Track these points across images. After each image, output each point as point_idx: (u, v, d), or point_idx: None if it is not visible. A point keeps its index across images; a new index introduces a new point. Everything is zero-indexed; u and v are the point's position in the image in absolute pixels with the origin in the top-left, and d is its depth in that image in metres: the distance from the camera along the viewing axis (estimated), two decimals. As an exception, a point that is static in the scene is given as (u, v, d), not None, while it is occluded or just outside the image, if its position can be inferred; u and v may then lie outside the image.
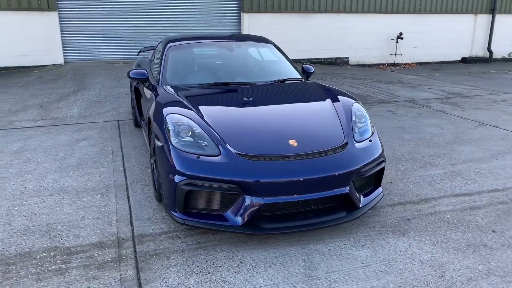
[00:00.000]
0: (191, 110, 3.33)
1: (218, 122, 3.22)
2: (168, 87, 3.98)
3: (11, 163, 4.44)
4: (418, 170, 4.40)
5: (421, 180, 4.14)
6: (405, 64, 13.31)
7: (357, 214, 3.13)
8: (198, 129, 3.10)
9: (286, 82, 4.32)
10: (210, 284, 2.54)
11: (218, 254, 2.85)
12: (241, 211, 2.86)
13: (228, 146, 2.98)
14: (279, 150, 3.01)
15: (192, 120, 3.17)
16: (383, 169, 3.40)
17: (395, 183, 4.07)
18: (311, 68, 4.81)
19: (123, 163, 4.47)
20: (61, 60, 10.24)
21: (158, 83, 4.09)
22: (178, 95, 3.69)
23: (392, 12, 12.95)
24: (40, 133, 5.51)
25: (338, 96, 3.85)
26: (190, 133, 3.09)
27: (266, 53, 4.87)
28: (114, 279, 2.57)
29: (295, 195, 2.92)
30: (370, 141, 3.38)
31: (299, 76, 4.53)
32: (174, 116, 3.23)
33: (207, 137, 3.04)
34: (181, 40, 4.74)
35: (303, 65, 4.81)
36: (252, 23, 11.65)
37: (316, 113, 3.63)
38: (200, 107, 3.41)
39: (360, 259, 2.81)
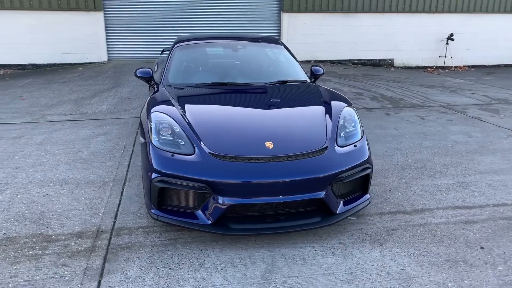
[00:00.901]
0: (177, 109, 3.42)
1: (199, 121, 3.28)
2: (167, 86, 4.10)
3: (30, 154, 4.78)
4: (424, 179, 4.19)
5: (424, 190, 3.94)
6: (456, 67, 12.62)
7: (333, 220, 3.05)
8: (177, 128, 3.17)
9: (287, 83, 4.28)
10: (166, 279, 2.60)
11: (186, 251, 2.90)
12: (210, 210, 2.90)
13: (202, 146, 3.02)
14: (253, 152, 3.01)
15: (174, 119, 3.25)
16: (368, 175, 3.28)
17: (394, 191, 3.91)
18: (320, 69, 4.73)
19: (130, 158, 4.65)
20: (105, 58, 10.81)
21: (160, 82, 4.22)
22: (171, 94, 3.78)
23: (442, 11, 12.32)
24: (66, 127, 5.86)
25: (332, 99, 3.76)
26: (170, 131, 3.17)
27: (273, 54, 4.85)
28: (80, 267, 2.70)
29: (266, 198, 2.91)
30: (355, 146, 3.28)
31: (303, 78, 4.47)
32: (158, 114, 3.33)
33: (185, 136, 3.11)
34: (190, 40, 4.85)
35: (312, 67, 4.75)
36: (292, 23, 11.60)
37: (302, 116, 3.57)
38: (187, 106, 3.49)
39: (325, 267, 2.75)
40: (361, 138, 3.38)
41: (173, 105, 3.48)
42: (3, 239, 3.03)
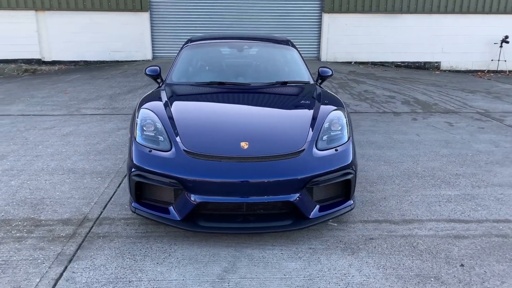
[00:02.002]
0: (166, 107, 3.52)
1: (182, 119, 3.35)
2: (169, 84, 4.22)
3: (52, 144, 5.13)
4: (427, 189, 3.99)
5: (422, 200, 3.76)
6: (510, 71, 11.77)
7: (304, 224, 3.01)
8: (159, 125, 3.27)
9: (287, 84, 4.25)
10: (127, 270, 2.71)
11: (156, 244, 3.00)
12: (181, 207, 2.97)
13: (179, 143, 3.10)
14: (227, 151, 3.04)
15: (158, 116, 3.36)
16: (349, 181, 3.19)
17: (389, 199, 3.76)
18: (328, 71, 4.64)
19: (140, 152, 4.84)
20: (149, 56, 11.27)
21: (165, 80, 4.36)
22: (167, 92, 3.89)
23: (497, 12, 11.54)
24: (94, 120, 6.21)
25: (324, 102, 3.69)
26: (153, 128, 3.28)
27: (281, 54, 4.83)
28: (54, 252, 2.88)
29: (236, 197, 2.93)
30: (336, 150, 3.20)
31: (307, 80, 4.42)
32: (145, 111, 3.45)
33: (165, 133, 3.20)
34: (200, 40, 4.95)
35: (319, 68, 4.68)
36: (332, 24, 11.41)
37: (287, 117, 3.54)
38: (176, 104, 3.59)
39: (285, 271, 2.72)
40: (346, 142, 3.29)
41: (163, 103, 3.59)
42: (-1, 221, 3.30)
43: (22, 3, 10.51)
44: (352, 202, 3.28)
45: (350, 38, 11.56)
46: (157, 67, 4.52)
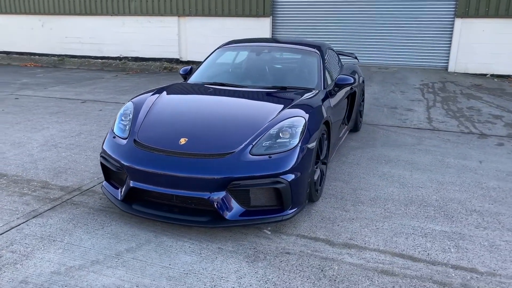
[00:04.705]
0: (151, 101, 3.93)
1: (153, 114, 3.71)
2: (185, 82, 4.62)
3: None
4: (413, 219, 3.49)
5: (392, 229, 3.32)
6: None
7: (220, 224, 3.06)
8: (131, 116, 3.71)
9: (286, 90, 4.20)
10: (62, 231, 3.21)
11: (100, 218, 3.44)
12: (123, 189, 3.36)
13: (135, 134, 3.48)
14: (166, 145, 3.29)
15: (136, 109, 3.79)
16: (278, 190, 3.09)
17: (355, 222, 3.43)
18: (348, 79, 4.38)
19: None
20: (267, 59, 11.88)
21: (186, 79, 4.78)
22: (168, 88, 4.30)
23: None
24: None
25: (293, 109, 3.58)
26: (128, 118, 3.74)
27: (301, 61, 4.72)
28: (32, 208, 3.60)
29: (163, 188, 3.17)
30: (270, 157, 3.13)
31: (312, 87, 4.27)
32: (129, 103, 3.93)
33: (130, 124, 3.62)
34: (230, 43, 5.20)
35: (338, 76, 4.45)
36: (466, 30, 10.11)
37: (243, 121, 3.53)
38: (160, 99, 3.97)
39: (175, 262, 2.85)
40: (288, 150, 3.17)
41: (153, 98, 4.00)
42: (23, 178, 4.22)
43: (168, 10, 12.31)
44: (288, 212, 3.17)
45: (488, 47, 10.07)
46: (188, 68, 4.97)
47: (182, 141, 3.28)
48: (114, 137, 3.58)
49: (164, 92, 4.16)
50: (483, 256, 2.97)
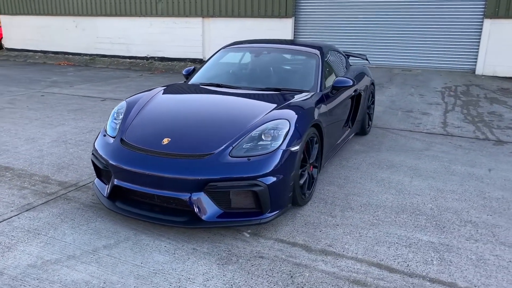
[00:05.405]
0: (145, 101, 3.99)
1: (144, 113, 3.77)
2: (185, 83, 4.66)
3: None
4: (401, 228, 3.37)
5: (376, 237, 3.23)
6: None
7: (197, 225, 3.07)
8: (122, 115, 3.78)
9: (281, 91, 4.15)
10: (49, 225, 3.31)
11: (88, 213, 3.52)
12: (108, 186, 3.43)
13: (123, 133, 3.54)
14: (149, 145, 3.33)
15: (129, 108, 3.86)
16: (256, 193, 3.06)
17: (339, 228, 3.35)
18: (347, 81, 4.28)
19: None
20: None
21: (188, 79, 4.83)
22: (166, 88, 4.35)
23: None
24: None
25: (280, 110, 3.54)
26: (120, 117, 3.81)
27: (299, 62, 4.65)
28: (27, 201, 3.73)
29: (143, 187, 3.21)
30: (248, 159, 3.10)
31: (306, 89, 4.21)
32: (122, 103, 4.00)
33: (121, 123, 3.69)
34: (235, 44, 5.19)
35: (336, 78, 4.36)
36: (495, 31, 9.67)
37: (228, 122, 3.51)
38: (154, 99, 4.01)
39: (147, 261, 2.88)
40: (269, 153, 3.14)
41: (147, 98, 4.06)
42: (27, 173, 4.39)
43: (193, 11, 12.47)
44: (267, 216, 3.14)
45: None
46: (191, 68, 5.02)
47: (165, 141, 3.31)
48: (104, 136, 3.66)
49: (160, 92, 4.21)
50: (467, 270, 2.83)
